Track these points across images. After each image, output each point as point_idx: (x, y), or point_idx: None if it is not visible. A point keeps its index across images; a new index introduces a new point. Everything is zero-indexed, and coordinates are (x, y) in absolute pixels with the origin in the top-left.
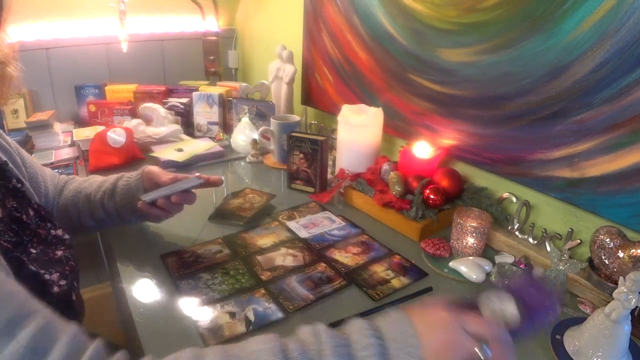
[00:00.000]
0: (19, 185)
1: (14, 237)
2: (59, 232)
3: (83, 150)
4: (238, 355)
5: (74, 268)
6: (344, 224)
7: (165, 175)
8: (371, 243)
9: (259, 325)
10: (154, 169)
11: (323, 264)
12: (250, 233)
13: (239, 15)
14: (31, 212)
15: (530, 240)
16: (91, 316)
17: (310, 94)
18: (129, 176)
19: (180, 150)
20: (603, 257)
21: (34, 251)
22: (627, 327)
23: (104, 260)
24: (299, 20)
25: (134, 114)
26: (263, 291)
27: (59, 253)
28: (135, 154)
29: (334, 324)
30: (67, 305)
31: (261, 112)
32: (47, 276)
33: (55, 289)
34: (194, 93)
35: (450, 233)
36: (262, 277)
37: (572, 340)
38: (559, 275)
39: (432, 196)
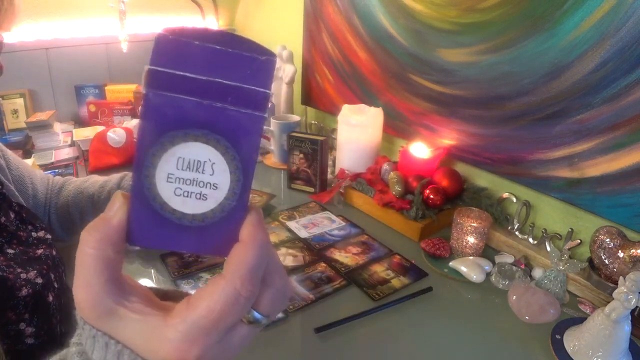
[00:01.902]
0: None
1: None
2: (41, 233)
3: (83, 150)
4: None
5: (51, 266)
6: (344, 224)
7: None
8: (371, 243)
9: None
10: None
11: (323, 264)
12: None
13: (239, 15)
14: (12, 215)
15: (530, 240)
16: None
17: (310, 94)
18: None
19: None
20: (603, 257)
21: (11, 251)
22: (627, 327)
23: None
24: (299, 20)
25: (134, 114)
26: None
27: (39, 252)
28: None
29: (334, 324)
30: (39, 305)
31: None
32: (23, 275)
33: (24, 291)
34: None
35: (450, 233)
36: None
37: (572, 340)
38: (559, 275)
39: (432, 196)
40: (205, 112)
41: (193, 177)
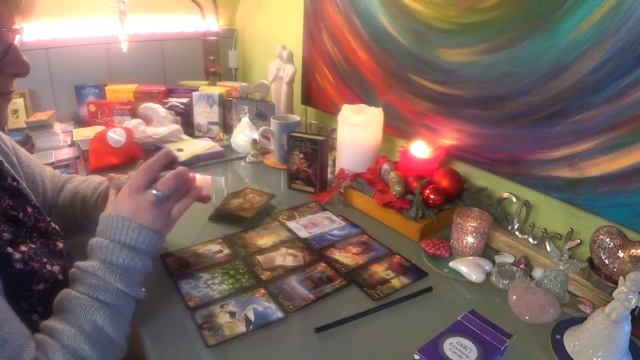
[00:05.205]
0: (15, 183)
1: (8, 234)
2: (58, 225)
3: (83, 150)
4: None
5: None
6: (344, 223)
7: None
8: (371, 243)
9: (259, 325)
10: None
11: (323, 264)
12: (250, 233)
13: (239, 15)
14: (29, 209)
15: (530, 240)
16: None
17: (310, 94)
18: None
19: (180, 150)
20: (603, 257)
21: (33, 245)
22: (627, 327)
23: None
24: (299, 20)
25: (134, 114)
26: (263, 291)
27: (60, 245)
28: (135, 154)
29: (334, 324)
30: (53, 300)
31: (261, 112)
32: (48, 266)
33: (41, 285)
34: (194, 93)
35: (450, 233)
36: (262, 277)
37: (572, 340)
38: (559, 275)
39: (432, 196)
40: None
41: None
